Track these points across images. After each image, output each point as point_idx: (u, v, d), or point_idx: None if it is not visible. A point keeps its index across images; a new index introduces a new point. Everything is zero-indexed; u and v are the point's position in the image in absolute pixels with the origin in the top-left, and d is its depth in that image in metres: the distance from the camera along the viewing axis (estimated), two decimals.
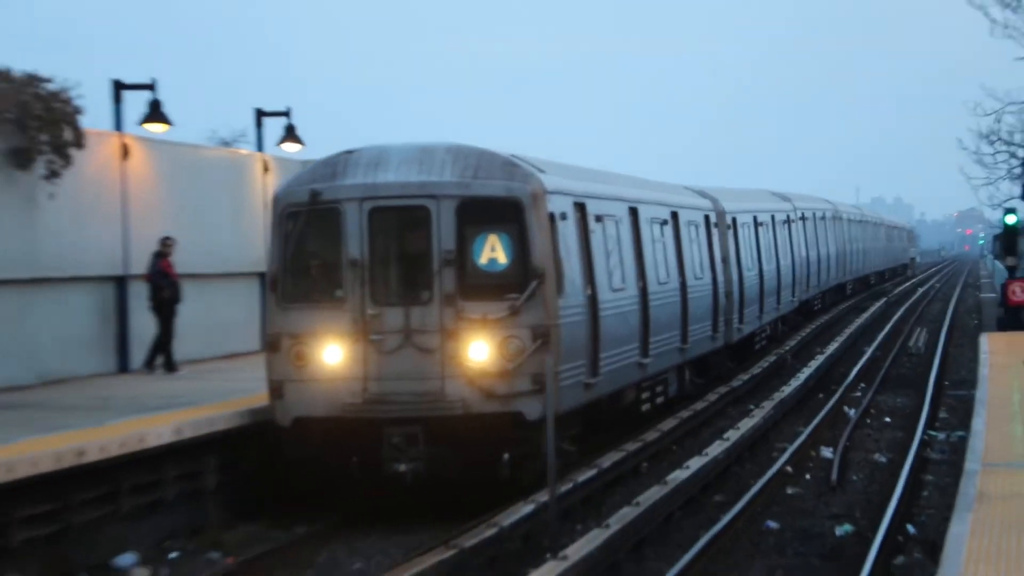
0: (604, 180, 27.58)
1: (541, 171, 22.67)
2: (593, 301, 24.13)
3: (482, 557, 18.83)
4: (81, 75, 29.45)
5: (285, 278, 22.16)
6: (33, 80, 27.93)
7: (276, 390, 22.01)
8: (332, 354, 21.65)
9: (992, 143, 57.11)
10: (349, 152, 22.60)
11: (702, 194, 37.45)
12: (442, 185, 21.80)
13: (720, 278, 36.04)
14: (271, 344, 22.14)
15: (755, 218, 42.45)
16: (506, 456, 21.47)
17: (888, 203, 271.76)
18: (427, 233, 21.71)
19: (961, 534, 14.72)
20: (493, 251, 21.82)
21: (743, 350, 40.79)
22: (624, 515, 20.40)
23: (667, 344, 29.60)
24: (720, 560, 19.46)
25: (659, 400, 30.00)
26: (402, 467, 21.37)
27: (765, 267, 43.24)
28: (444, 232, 21.65)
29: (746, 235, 40.41)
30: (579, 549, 18.31)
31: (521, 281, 21.67)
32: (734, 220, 38.58)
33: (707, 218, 35.72)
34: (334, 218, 21.91)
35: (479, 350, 21.48)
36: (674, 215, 31.70)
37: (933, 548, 17.52)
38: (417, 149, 22.43)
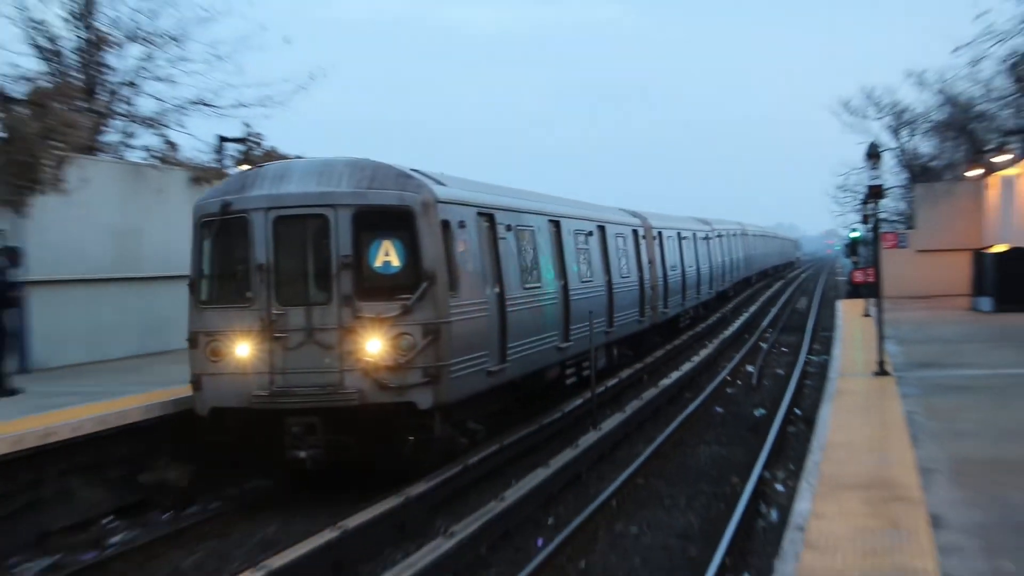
0: (522, 197, 20.17)
1: (440, 184, 15.67)
2: (501, 298, 16.92)
3: (553, 429, 18.64)
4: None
5: (201, 281, 15.28)
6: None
7: (195, 383, 15.11)
8: (242, 350, 14.78)
9: (844, 191, 57.82)
10: (259, 167, 16.20)
11: (634, 214, 30.36)
12: (339, 195, 14.85)
13: (647, 276, 28.95)
14: (191, 341, 15.20)
15: (679, 233, 35.69)
16: (411, 439, 14.70)
17: (785, 225, 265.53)
18: (326, 239, 14.78)
19: (827, 414, 14.74)
20: (387, 255, 14.89)
21: (670, 327, 33.88)
22: (634, 405, 20.65)
23: (592, 329, 21.73)
24: (689, 430, 19.57)
25: (585, 374, 21.76)
26: (302, 454, 14.57)
27: (687, 268, 36.39)
28: (342, 238, 14.68)
29: (671, 246, 33.81)
30: (608, 424, 18.52)
31: (413, 282, 14.56)
32: (659, 234, 31.91)
33: (635, 232, 28.73)
34: (243, 226, 14.97)
35: (374, 345, 14.48)
36: (601, 228, 24.47)
37: (810, 422, 17.29)
38: (318, 163, 15.56)
